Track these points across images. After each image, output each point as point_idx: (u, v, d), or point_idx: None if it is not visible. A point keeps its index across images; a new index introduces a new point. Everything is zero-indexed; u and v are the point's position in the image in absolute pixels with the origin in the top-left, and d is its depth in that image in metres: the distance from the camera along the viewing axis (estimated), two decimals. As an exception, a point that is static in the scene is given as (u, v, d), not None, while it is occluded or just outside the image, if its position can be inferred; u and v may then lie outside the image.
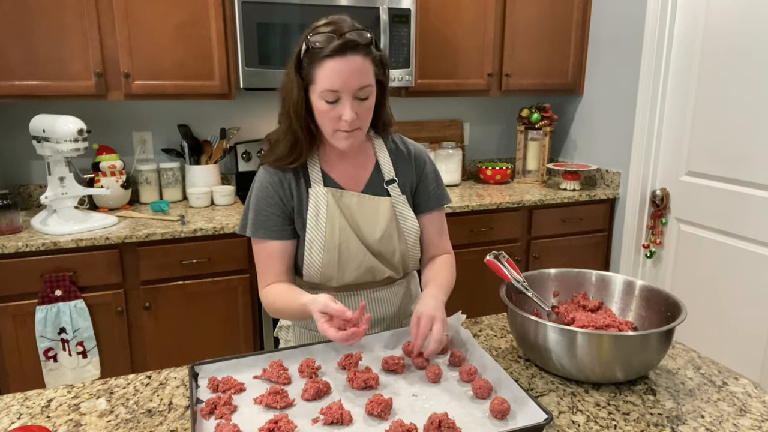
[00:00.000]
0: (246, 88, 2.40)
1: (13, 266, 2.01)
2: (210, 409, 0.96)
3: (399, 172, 1.33)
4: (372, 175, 1.31)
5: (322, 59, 1.11)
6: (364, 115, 1.18)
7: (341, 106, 1.14)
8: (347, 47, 1.10)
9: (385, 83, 1.22)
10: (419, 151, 1.37)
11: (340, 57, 1.10)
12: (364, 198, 1.28)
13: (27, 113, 2.42)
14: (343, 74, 1.11)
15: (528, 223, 2.77)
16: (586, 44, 3.01)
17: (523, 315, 1.08)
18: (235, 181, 2.79)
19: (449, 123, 3.19)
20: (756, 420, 0.97)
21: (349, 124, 1.15)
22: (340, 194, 1.27)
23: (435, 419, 0.89)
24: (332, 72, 1.11)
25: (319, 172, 1.27)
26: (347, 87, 1.12)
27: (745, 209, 2.31)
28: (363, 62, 1.12)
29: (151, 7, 2.24)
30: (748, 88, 2.25)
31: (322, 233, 1.25)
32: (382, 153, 1.33)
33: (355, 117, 1.14)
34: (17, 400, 1.05)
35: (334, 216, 1.25)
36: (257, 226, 1.25)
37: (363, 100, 1.16)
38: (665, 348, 1.06)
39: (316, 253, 1.26)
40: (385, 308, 1.36)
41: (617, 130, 2.88)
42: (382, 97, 1.24)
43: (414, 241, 1.33)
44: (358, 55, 1.11)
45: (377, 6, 2.44)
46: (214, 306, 2.28)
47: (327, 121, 1.17)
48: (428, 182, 1.36)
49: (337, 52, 1.10)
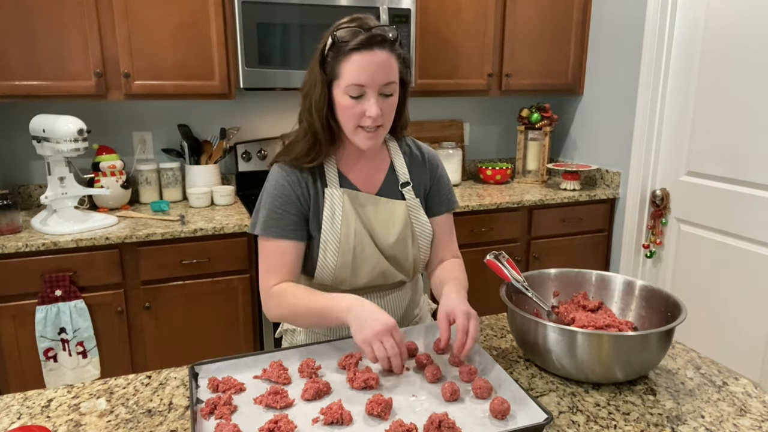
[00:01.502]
0: (246, 88, 2.40)
1: (13, 266, 2.01)
2: (210, 409, 0.96)
3: (413, 175, 1.32)
4: (387, 178, 1.30)
5: (348, 53, 1.10)
6: (388, 112, 1.16)
7: (366, 101, 1.12)
8: (374, 41, 1.09)
9: (407, 83, 1.21)
10: (432, 155, 1.37)
11: (367, 51, 1.09)
12: (379, 201, 1.27)
13: (27, 113, 2.42)
14: (370, 68, 1.10)
15: (528, 223, 2.77)
16: (586, 44, 3.01)
17: (523, 315, 1.08)
18: (235, 181, 2.79)
19: (449, 123, 3.19)
20: (756, 420, 0.97)
21: (372, 120, 1.13)
22: (356, 196, 1.25)
23: (435, 419, 0.89)
24: (358, 66, 1.09)
25: (335, 173, 1.25)
26: (373, 81, 1.11)
27: (745, 209, 2.31)
28: (389, 57, 1.12)
29: (151, 7, 2.24)
30: (748, 88, 2.25)
31: (337, 235, 1.23)
32: (397, 155, 1.32)
33: (380, 113, 1.13)
34: (17, 400, 1.05)
35: (350, 218, 1.23)
36: (269, 224, 1.21)
37: (387, 96, 1.14)
38: (665, 348, 1.06)
39: (330, 255, 1.23)
40: (393, 311, 1.34)
41: (617, 130, 2.88)
42: (404, 97, 1.23)
43: (426, 245, 1.32)
44: (384, 50, 1.11)
45: (377, 6, 2.44)
46: (214, 306, 2.28)
47: (350, 117, 1.15)
48: (441, 186, 1.35)
49: (363, 45, 1.09)
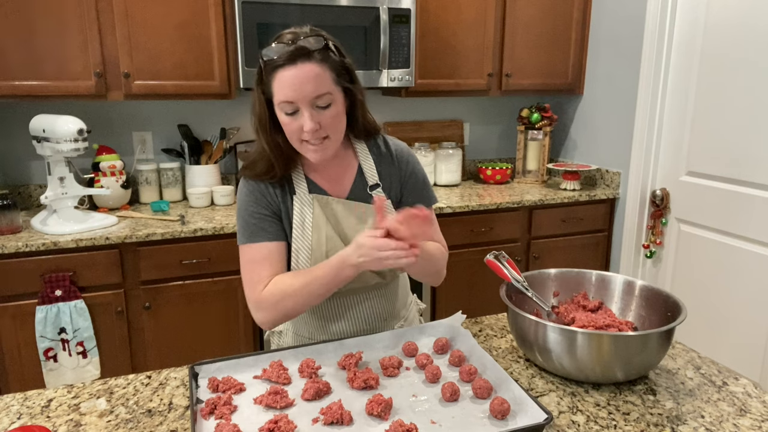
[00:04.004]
0: (246, 88, 2.39)
1: (13, 266, 2.01)
2: (210, 409, 0.96)
3: (383, 175, 1.29)
4: (355, 181, 1.27)
5: (274, 70, 1.08)
6: (329, 124, 1.13)
7: (300, 117, 1.11)
8: (297, 55, 1.07)
9: (353, 90, 1.17)
10: (402, 151, 1.32)
11: (291, 66, 1.07)
12: (349, 204, 1.25)
13: (27, 113, 2.42)
14: (295, 84, 1.07)
15: (528, 223, 2.77)
16: (586, 44, 3.01)
17: (523, 315, 1.08)
18: (235, 181, 2.79)
19: (449, 123, 3.19)
20: (756, 420, 0.97)
21: (311, 135, 1.11)
22: (327, 201, 1.23)
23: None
24: (284, 82, 1.08)
25: (303, 179, 1.24)
26: (302, 96, 1.08)
27: (745, 209, 2.31)
28: (317, 69, 1.08)
29: (151, 7, 2.24)
30: (748, 87, 2.25)
31: (308, 242, 1.22)
32: (365, 157, 1.28)
33: (317, 127, 1.10)
34: (17, 400, 1.05)
35: (321, 224, 1.22)
36: (251, 231, 1.20)
37: (324, 108, 1.11)
38: (665, 348, 1.06)
39: (303, 262, 1.22)
40: (376, 312, 1.34)
41: (617, 130, 2.88)
42: (354, 104, 1.19)
43: None
44: (310, 63, 1.08)
45: (377, 6, 2.44)
46: (214, 306, 2.28)
47: (291, 133, 1.13)
48: (415, 182, 1.31)
49: (287, 61, 1.07)
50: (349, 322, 1.32)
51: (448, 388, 1.00)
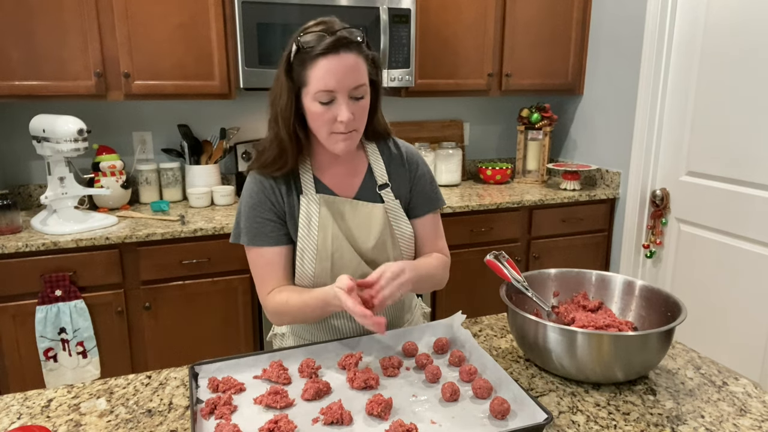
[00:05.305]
0: (246, 88, 2.40)
1: (13, 266, 2.01)
2: (210, 409, 0.96)
3: (393, 176, 1.29)
4: (364, 181, 1.27)
5: (314, 59, 1.08)
6: (360, 115, 1.15)
7: (336, 106, 1.11)
8: (340, 45, 1.08)
9: (378, 84, 1.19)
10: (412, 153, 1.33)
11: (334, 55, 1.08)
12: (357, 204, 1.25)
13: (27, 113, 2.42)
14: (338, 73, 1.08)
15: (528, 223, 2.77)
16: (586, 44, 3.01)
17: (523, 315, 1.08)
18: (235, 181, 2.79)
19: (449, 123, 3.19)
20: (756, 420, 0.97)
21: (345, 125, 1.12)
22: (333, 201, 1.23)
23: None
24: (326, 71, 1.08)
25: (311, 178, 1.24)
26: (342, 86, 1.09)
27: (745, 209, 2.31)
28: (357, 60, 1.10)
29: (151, 7, 2.24)
30: (748, 87, 2.25)
31: (314, 241, 1.21)
32: (375, 157, 1.29)
33: (352, 117, 1.12)
34: (17, 400, 1.05)
35: (327, 223, 1.21)
36: (253, 234, 1.20)
37: (358, 99, 1.13)
38: (665, 348, 1.06)
39: (308, 262, 1.22)
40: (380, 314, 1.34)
41: (617, 130, 2.88)
42: (376, 100, 1.21)
43: (408, 247, 1.30)
44: (351, 53, 1.09)
45: (377, 6, 2.44)
46: (214, 306, 2.28)
47: (322, 124, 1.13)
48: (423, 185, 1.32)
49: (329, 50, 1.07)
50: (355, 328, 1.32)
51: (448, 388, 0.99)
